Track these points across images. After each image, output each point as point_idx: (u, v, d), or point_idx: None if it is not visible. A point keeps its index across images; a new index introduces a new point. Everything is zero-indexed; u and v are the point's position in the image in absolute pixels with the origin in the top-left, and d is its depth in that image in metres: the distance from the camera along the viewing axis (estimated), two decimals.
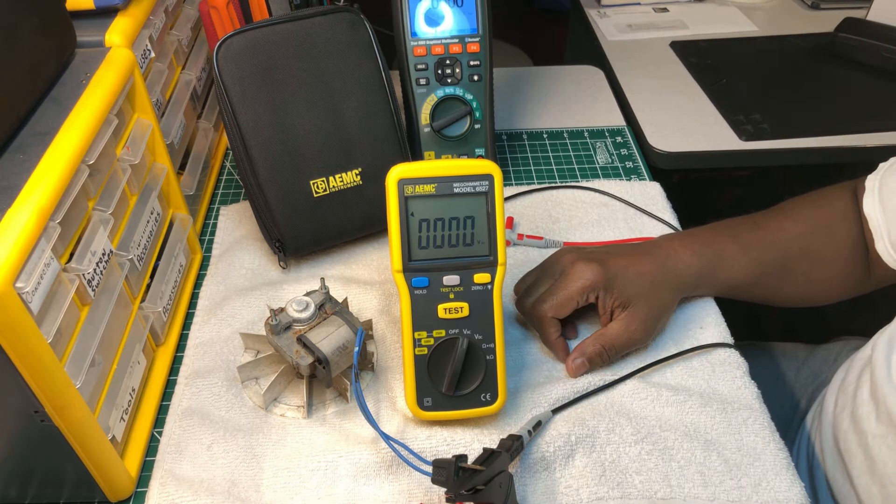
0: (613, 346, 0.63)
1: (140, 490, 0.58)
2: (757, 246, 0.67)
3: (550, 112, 1.00)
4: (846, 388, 0.65)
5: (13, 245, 0.43)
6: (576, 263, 0.63)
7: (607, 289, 0.62)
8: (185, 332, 0.69)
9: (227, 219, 0.82)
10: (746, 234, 0.68)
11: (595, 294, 0.63)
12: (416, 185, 0.55)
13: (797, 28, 1.17)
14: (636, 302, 0.63)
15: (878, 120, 0.94)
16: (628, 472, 0.57)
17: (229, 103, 0.69)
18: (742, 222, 0.70)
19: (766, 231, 0.68)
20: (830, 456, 0.66)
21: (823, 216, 0.69)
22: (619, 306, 0.63)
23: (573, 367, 0.63)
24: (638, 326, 0.63)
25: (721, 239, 0.67)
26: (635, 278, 0.63)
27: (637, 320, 0.63)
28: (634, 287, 0.63)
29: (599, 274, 0.62)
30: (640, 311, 0.63)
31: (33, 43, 0.54)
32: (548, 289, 0.64)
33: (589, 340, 0.63)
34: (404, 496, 0.56)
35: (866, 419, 0.60)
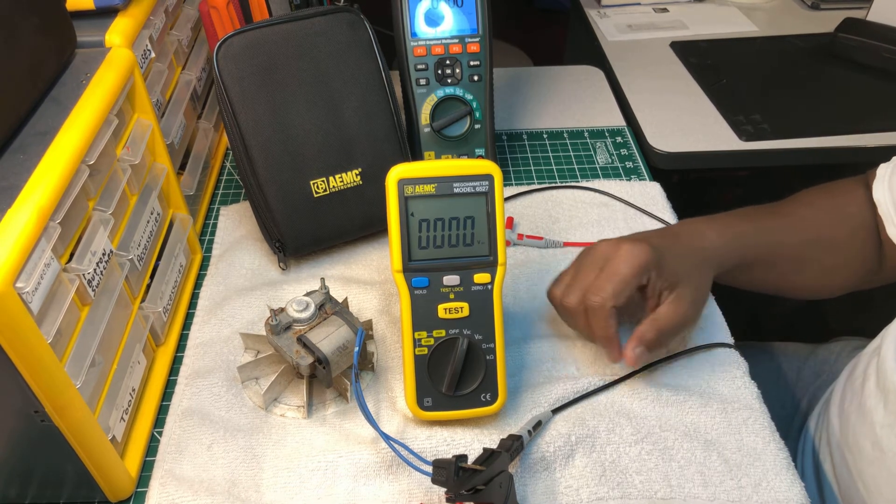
0: (669, 329, 0.60)
1: (140, 490, 0.58)
2: (774, 229, 0.67)
3: (550, 112, 1.00)
4: (854, 382, 0.65)
5: (13, 245, 0.43)
6: (621, 245, 0.60)
7: (659, 269, 0.59)
8: (185, 332, 0.69)
9: (227, 219, 0.82)
10: (763, 219, 0.68)
11: (647, 276, 0.59)
12: (416, 185, 0.55)
13: (797, 28, 1.17)
14: (683, 282, 0.60)
15: (878, 120, 0.94)
16: (628, 472, 0.57)
17: (229, 103, 0.69)
18: (759, 209, 0.70)
19: (782, 216, 0.69)
20: (837, 450, 0.66)
21: (837, 204, 0.69)
22: (668, 288, 0.60)
23: (633, 356, 0.59)
24: (689, 307, 0.60)
25: (740, 221, 0.67)
26: (678, 257, 0.61)
27: (686, 301, 0.60)
28: (680, 267, 0.61)
29: (651, 253, 0.59)
30: (687, 292, 0.60)
31: (33, 43, 0.54)
32: (596, 277, 0.60)
33: (644, 327, 0.59)
34: (404, 496, 0.56)
35: (874, 410, 0.60)
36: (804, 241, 0.68)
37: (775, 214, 0.69)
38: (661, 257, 0.60)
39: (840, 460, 0.65)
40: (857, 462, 0.62)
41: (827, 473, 0.67)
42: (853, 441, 0.63)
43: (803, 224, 0.68)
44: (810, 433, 0.74)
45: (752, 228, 0.67)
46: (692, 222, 0.68)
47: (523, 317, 0.70)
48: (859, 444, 0.62)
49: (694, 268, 0.62)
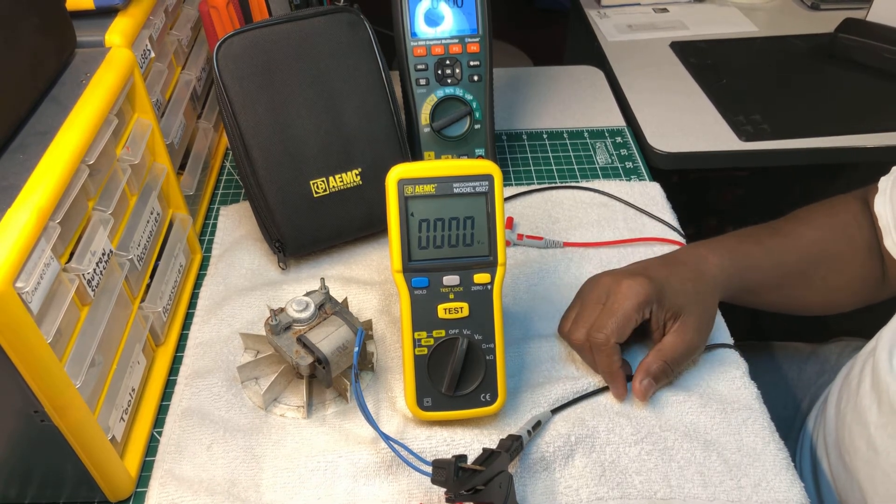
0: (675, 359, 0.61)
1: (140, 490, 0.58)
2: (778, 250, 0.68)
3: (550, 112, 1.00)
4: (849, 383, 0.66)
5: (13, 245, 0.43)
6: (622, 282, 0.61)
7: (659, 301, 0.60)
8: (185, 332, 0.69)
9: (227, 219, 0.82)
10: (767, 239, 0.68)
11: (649, 309, 0.60)
12: (416, 186, 0.55)
13: (797, 28, 1.17)
14: (686, 311, 0.61)
15: (878, 120, 0.94)
16: (628, 472, 0.57)
17: (229, 103, 0.69)
18: (761, 229, 0.70)
19: (786, 236, 0.69)
20: (834, 450, 0.66)
21: (838, 222, 0.70)
22: (671, 318, 0.61)
23: (642, 388, 0.60)
24: (693, 335, 0.61)
25: (745, 243, 0.68)
26: (680, 287, 0.62)
27: (691, 329, 0.61)
28: (682, 296, 0.61)
29: (650, 287, 0.60)
30: (691, 320, 0.61)
31: (33, 43, 0.54)
32: (600, 314, 0.61)
33: (649, 359, 0.61)
34: (404, 496, 0.56)
35: (868, 410, 0.60)
36: (808, 260, 0.68)
37: (777, 234, 0.69)
38: (661, 289, 0.61)
39: (836, 460, 0.65)
40: (853, 462, 0.62)
41: (825, 473, 0.68)
42: (849, 441, 0.63)
43: (805, 243, 0.68)
44: (808, 433, 0.74)
45: (757, 250, 0.67)
46: (695, 247, 0.68)
47: (523, 317, 0.70)
48: (855, 444, 0.62)
49: (697, 295, 0.62)
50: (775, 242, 0.68)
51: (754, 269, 0.67)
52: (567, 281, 0.74)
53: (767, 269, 0.67)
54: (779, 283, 0.68)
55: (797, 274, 0.68)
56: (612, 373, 0.61)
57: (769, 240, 0.69)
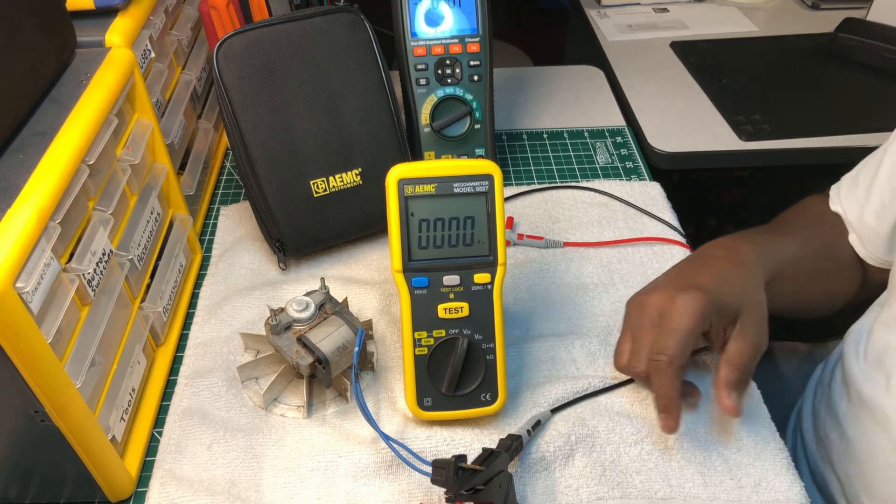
0: (747, 363, 0.56)
1: (140, 490, 0.58)
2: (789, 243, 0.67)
3: (550, 112, 1.00)
4: (823, 380, 0.68)
5: (13, 245, 0.43)
6: (675, 298, 0.56)
7: (718, 311, 0.56)
8: (185, 332, 0.69)
9: (227, 219, 0.82)
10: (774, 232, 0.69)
11: (708, 322, 0.56)
12: (416, 185, 0.55)
13: (797, 28, 1.17)
14: (743, 311, 0.57)
15: (878, 120, 0.94)
16: (628, 472, 0.57)
17: (229, 103, 0.69)
18: (762, 228, 0.69)
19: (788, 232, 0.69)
20: (811, 445, 0.68)
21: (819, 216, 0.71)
22: (731, 323, 0.57)
23: (732, 405, 0.54)
24: (756, 334, 0.57)
25: (760, 234, 0.67)
26: (730, 288, 0.58)
27: (752, 329, 0.57)
28: (734, 298, 0.57)
29: (706, 298, 0.55)
30: (749, 319, 0.57)
31: (33, 43, 0.54)
32: (658, 336, 0.56)
33: (723, 373, 0.55)
34: (404, 496, 0.56)
35: (839, 402, 0.62)
36: (811, 252, 0.68)
37: (781, 230, 0.69)
38: (716, 297, 0.56)
39: (814, 455, 0.67)
40: (829, 454, 0.64)
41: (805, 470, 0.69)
42: (824, 435, 0.65)
43: (806, 236, 0.68)
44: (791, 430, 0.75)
45: (776, 241, 0.66)
46: (725, 242, 0.65)
47: (523, 317, 0.70)
48: (829, 437, 0.64)
49: (747, 290, 0.59)
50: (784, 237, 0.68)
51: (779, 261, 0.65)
52: (567, 281, 0.74)
53: (787, 261, 0.65)
54: (795, 275, 0.66)
55: (808, 266, 0.68)
56: (670, 400, 0.55)
57: (778, 234, 0.68)
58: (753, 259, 0.62)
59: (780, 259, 0.64)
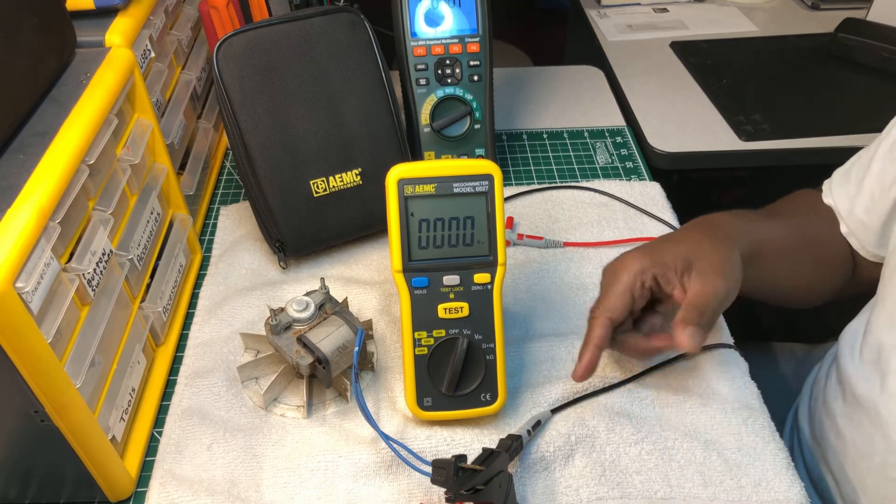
0: (707, 304, 0.56)
1: (140, 490, 0.58)
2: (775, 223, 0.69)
3: (550, 112, 1.00)
4: (818, 381, 0.68)
5: (13, 245, 0.43)
6: (620, 259, 0.60)
7: (661, 265, 0.58)
8: (185, 332, 0.69)
9: (227, 219, 0.82)
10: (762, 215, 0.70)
11: (650, 276, 0.58)
12: (416, 185, 0.55)
13: (797, 28, 1.17)
14: (697, 259, 0.58)
15: (877, 120, 0.94)
16: (628, 472, 0.57)
17: (229, 103, 0.69)
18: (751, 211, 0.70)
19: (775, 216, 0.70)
20: (808, 446, 0.68)
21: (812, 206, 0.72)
22: (684, 272, 0.58)
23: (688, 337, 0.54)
24: (715, 277, 0.57)
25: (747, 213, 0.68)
26: (682, 244, 0.60)
27: (710, 273, 0.57)
28: (685, 249, 0.59)
29: (645, 255, 0.59)
30: (706, 265, 0.58)
31: (33, 43, 0.54)
32: (600, 294, 0.60)
33: (682, 313, 0.56)
34: (404, 496, 0.56)
35: (833, 402, 0.63)
36: (799, 236, 0.69)
37: (770, 213, 0.71)
38: (659, 252, 0.59)
39: (810, 455, 0.67)
40: (825, 453, 0.64)
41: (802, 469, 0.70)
42: (819, 434, 0.65)
43: (795, 221, 0.70)
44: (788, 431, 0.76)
45: (761, 218, 0.69)
46: (706, 216, 0.67)
47: (523, 317, 0.70)
48: (825, 437, 0.64)
49: (705, 245, 0.60)
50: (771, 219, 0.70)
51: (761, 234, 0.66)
52: (567, 281, 0.74)
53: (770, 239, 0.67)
54: (779, 254, 0.67)
55: (793, 248, 0.69)
56: (587, 344, 0.58)
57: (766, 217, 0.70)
58: (730, 229, 0.63)
59: (763, 237, 0.66)
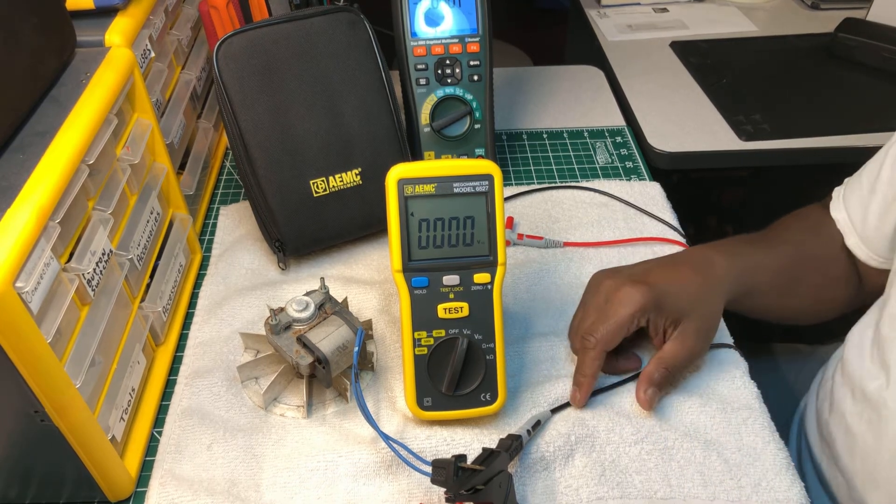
0: (676, 366, 0.61)
1: (140, 490, 0.58)
2: (773, 254, 0.69)
3: (550, 112, 1.00)
4: (825, 382, 0.68)
5: (13, 245, 0.43)
6: (621, 288, 0.61)
7: (657, 310, 0.60)
8: (185, 331, 0.69)
9: (226, 219, 0.82)
10: (760, 242, 0.70)
11: (646, 318, 0.60)
12: (415, 185, 0.55)
13: (797, 28, 1.17)
14: (688, 316, 0.61)
15: (878, 120, 0.94)
16: (628, 472, 0.57)
17: (229, 103, 0.69)
18: (750, 236, 0.71)
19: (772, 241, 0.70)
20: (816, 446, 0.68)
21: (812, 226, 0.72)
22: (671, 325, 0.61)
23: (647, 398, 0.60)
24: (695, 341, 0.61)
25: (743, 245, 0.68)
26: (682, 292, 0.61)
27: (692, 335, 0.61)
28: (682, 302, 0.61)
29: (647, 295, 0.60)
30: (692, 325, 0.61)
31: (33, 43, 0.54)
32: (596, 318, 0.61)
33: (651, 367, 0.60)
34: (404, 496, 0.56)
35: (842, 401, 0.63)
36: (797, 263, 0.69)
37: (767, 241, 0.70)
38: (659, 296, 0.60)
39: (820, 454, 0.67)
40: (834, 451, 0.64)
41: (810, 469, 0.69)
42: (827, 433, 0.65)
43: (791, 247, 0.70)
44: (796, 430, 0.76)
45: (757, 253, 0.68)
46: (701, 250, 0.67)
47: (523, 316, 0.70)
48: (833, 435, 0.64)
49: (699, 299, 0.62)
50: (766, 245, 0.70)
51: (758, 273, 0.67)
52: (567, 281, 0.74)
53: (768, 272, 0.67)
54: (775, 286, 0.68)
55: (790, 277, 0.69)
56: (585, 377, 0.60)
57: (761, 243, 0.70)
58: (723, 273, 0.64)
59: (758, 272, 0.67)
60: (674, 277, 0.63)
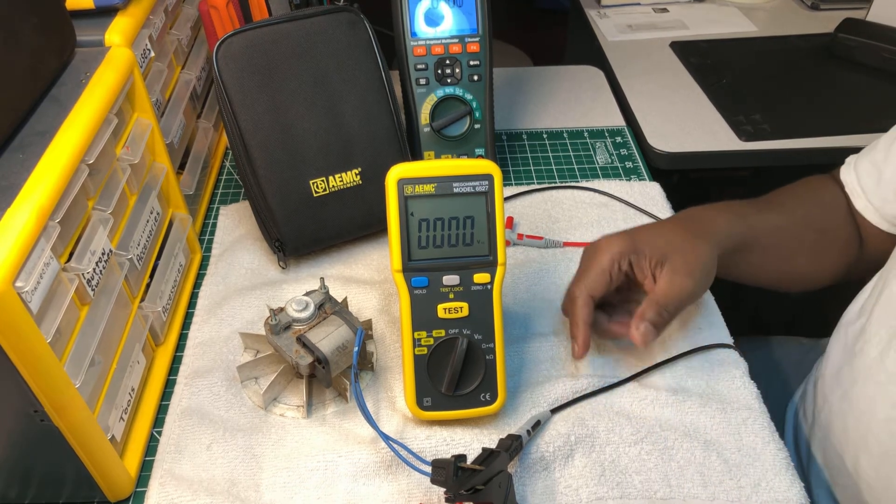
0: (669, 303, 0.60)
1: (140, 490, 0.58)
2: (770, 213, 0.70)
3: (550, 112, 1.00)
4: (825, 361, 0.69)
5: (13, 245, 0.43)
6: (601, 239, 0.63)
7: (638, 253, 0.61)
8: (185, 331, 0.69)
9: (226, 218, 0.82)
10: (759, 205, 0.71)
11: (626, 260, 0.61)
12: (415, 185, 0.55)
13: (797, 28, 1.17)
14: (672, 254, 0.61)
15: (878, 120, 0.94)
16: (628, 472, 0.57)
17: (229, 103, 0.69)
18: (753, 200, 0.71)
19: (774, 204, 0.71)
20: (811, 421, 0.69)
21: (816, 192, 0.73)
22: (656, 264, 0.61)
23: (639, 334, 0.59)
24: (684, 277, 0.60)
25: (737, 204, 0.69)
26: (661, 234, 0.63)
27: (680, 272, 0.60)
28: (664, 243, 0.62)
29: (625, 239, 0.61)
30: (679, 261, 0.61)
31: (33, 43, 0.54)
32: (579, 272, 0.63)
33: (643, 307, 0.60)
34: (404, 496, 0.56)
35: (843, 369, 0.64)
36: (797, 224, 0.70)
37: (768, 202, 0.71)
38: (638, 241, 0.62)
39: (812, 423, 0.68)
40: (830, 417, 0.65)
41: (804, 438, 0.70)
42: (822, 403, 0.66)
43: (793, 209, 0.71)
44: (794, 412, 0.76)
45: (752, 210, 0.69)
46: (694, 208, 0.69)
47: (523, 316, 0.70)
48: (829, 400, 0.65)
49: (685, 241, 0.62)
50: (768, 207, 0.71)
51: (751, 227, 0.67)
52: (567, 280, 0.73)
53: (762, 229, 0.68)
54: (771, 245, 0.69)
55: (788, 236, 0.70)
56: (576, 326, 0.61)
57: (762, 205, 0.71)
58: (713, 223, 0.65)
59: (751, 230, 0.67)
60: (652, 226, 0.66)
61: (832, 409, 0.65)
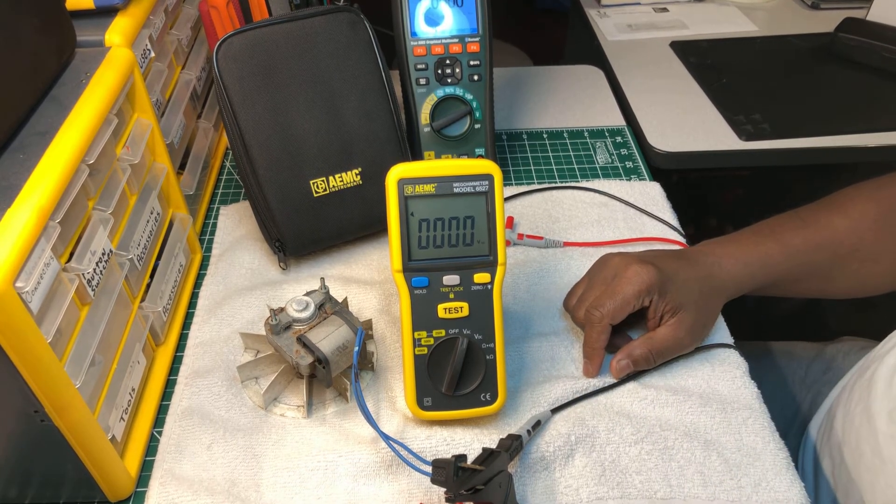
0: (660, 351, 0.63)
1: (140, 490, 0.58)
2: (803, 249, 0.66)
3: (550, 112, 1.00)
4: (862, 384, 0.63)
5: (13, 245, 0.43)
6: (630, 266, 0.63)
7: (661, 293, 0.62)
8: (185, 331, 0.69)
9: (227, 218, 0.82)
10: (792, 235, 0.66)
11: (650, 298, 0.62)
12: (416, 185, 0.55)
13: (797, 28, 1.17)
14: (686, 308, 0.62)
15: (878, 120, 0.94)
16: (628, 472, 0.57)
17: (229, 103, 0.69)
18: (788, 220, 0.68)
19: (815, 230, 0.66)
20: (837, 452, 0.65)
21: (879, 210, 0.66)
22: (670, 311, 0.62)
23: (618, 367, 0.62)
24: (686, 334, 0.63)
25: (765, 242, 0.66)
26: (685, 284, 0.63)
27: (685, 327, 0.62)
28: (685, 293, 0.63)
29: (655, 276, 0.62)
30: (688, 318, 0.62)
31: (33, 43, 0.54)
32: (602, 292, 0.63)
33: (637, 343, 0.63)
34: (404, 496, 0.56)
35: (878, 416, 0.59)
36: (839, 256, 0.66)
37: (807, 227, 0.66)
38: (665, 282, 0.62)
39: (839, 462, 0.65)
40: (857, 466, 0.61)
41: (825, 473, 0.67)
42: (854, 445, 0.62)
43: (838, 238, 0.66)
44: (811, 431, 0.73)
45: (779, 249, 0.66)
46: (714, 246, 0.67)
47: (523, 316, 0.70)
48: (861, 449, 0.61)
49: (701, 295, 0.63)
50: (801, 239, 0.66)
51: (775, 270, 0.66)
52: (567, 280, 0.73)
53: (791, 270, 0.66)
54: (802, 279, 0.67)
55: (826, 269, 0.67)
56: (594, 350, 0.63)
57: (794, 236, 0.66)
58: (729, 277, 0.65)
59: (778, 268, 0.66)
60: (680, 268, 0.64)
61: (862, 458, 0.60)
